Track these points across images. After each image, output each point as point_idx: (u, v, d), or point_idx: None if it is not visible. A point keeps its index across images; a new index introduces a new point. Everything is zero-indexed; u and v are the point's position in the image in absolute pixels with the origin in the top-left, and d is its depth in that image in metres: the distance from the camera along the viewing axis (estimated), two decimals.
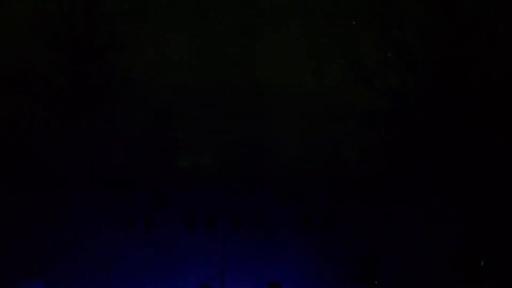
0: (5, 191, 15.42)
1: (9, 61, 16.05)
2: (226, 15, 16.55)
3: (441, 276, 14.40)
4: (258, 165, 15.95)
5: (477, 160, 15.30)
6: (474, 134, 15.31)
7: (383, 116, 16.01)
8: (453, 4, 15.66)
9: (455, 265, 13.74)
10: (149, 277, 15.35)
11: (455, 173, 15.36)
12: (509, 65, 15.46)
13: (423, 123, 15.61)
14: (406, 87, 15.85)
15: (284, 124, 16.19)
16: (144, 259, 15.45)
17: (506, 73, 15.49)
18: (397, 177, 15.60)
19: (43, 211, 15.42)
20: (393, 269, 14.88)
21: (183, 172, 15.89)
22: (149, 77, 16.33)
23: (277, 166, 15.91)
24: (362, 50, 15.79)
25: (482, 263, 13.85)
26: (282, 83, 16.32)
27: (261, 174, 15.84)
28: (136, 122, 16.36)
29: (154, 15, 16.69)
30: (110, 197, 15.58)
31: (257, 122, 16.14)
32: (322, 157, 15.92)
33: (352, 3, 15.92)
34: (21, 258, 14.79)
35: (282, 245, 15.39)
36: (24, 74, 16.13)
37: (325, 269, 15.22)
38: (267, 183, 15.71)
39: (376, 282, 14.21)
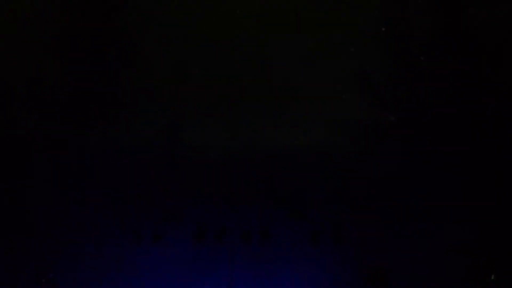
0: (15, 201, 15.46)
1: (14, 72, 16.04)
2: None
3: None
4: (266, 179, 15.82)
5: (487, 174, 15.13)
6: (482, 145, 15.14)
7: (391, 128, 15.85)
8: (461, 15, 15.45)
9: (468, 281, 13.66)
10: None
11: (466, 185, 15.19)
12: None
13: (431, 134, 15.45)
14: (413, 98, 15.68)
15: (292, 137, 16.05)
16: (152, 272, 15.44)
17: None
18: (408, 190, 15.44)
19: (50, 223, 15.42)
20: (405, 285, 14.78)
21: (191, 186, 15.80)
22: (159, 88, 16.28)
23: (285, 180, 15.78)
24: (368, 60, 15.63)
25: (492, 277, 13.75)
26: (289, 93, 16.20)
27: (269, 188, 15.72)
28: (146, 135, 16.32)
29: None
30: (118, 209, 15.56)
31: (265, 136, 16.02)
32: (331, 171, 15.76)
33: (359, 12, 15.73)
34: (31, 268, 14.75)
35: (291, 260, 15.30)
36: (30, 84, 16.12)
37: (335, 284, 15.12)
38: (275, 197, 15.61)
39: None
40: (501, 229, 14.97)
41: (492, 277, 14.19)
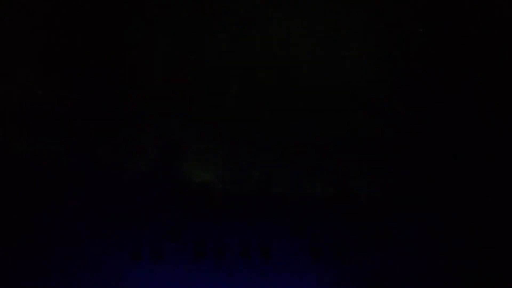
0: (14, 219, 15.47)
1: (18, 96, 16.21)
2: None
3: None
4: (267, 196, 15.81)
5: (491, 188, 15.09)
6: (484, 161, 15.14)
7: (391, 144, 15.88)
8: (458, 32, 15.60)
9: None
10: None
11: (468, 201, 15.13)
12: None
13: (432, 151, 15.47)
14: (413, 115, 15.75)
15: (292, 154, 16.08)
16: None
17: None
18: (408, 207, 15.39)
19: (50, 240, 15.40)
20: None
21: (191, 203, 15.79)
22: (159, 114, 16.41)
23: (286, 196, 15.76)
24: (367, 78, 15.73)
25: None
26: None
27: (269, 204, 15.70)
28: (145, 154, 16.39)
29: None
30: (118, 227, 15.52)
31: (265, 154, 16.05)
32: (331, 186, 15.75)
33: (355, 31, 15.90)
34: (29, 285, 14.74)
35: (291, 277, 15.19)
36: (34, 109, 16.27)
37: None
38: (275, 213, 15.56)
39: None
40: (503, 247, 14.89)
41: None
